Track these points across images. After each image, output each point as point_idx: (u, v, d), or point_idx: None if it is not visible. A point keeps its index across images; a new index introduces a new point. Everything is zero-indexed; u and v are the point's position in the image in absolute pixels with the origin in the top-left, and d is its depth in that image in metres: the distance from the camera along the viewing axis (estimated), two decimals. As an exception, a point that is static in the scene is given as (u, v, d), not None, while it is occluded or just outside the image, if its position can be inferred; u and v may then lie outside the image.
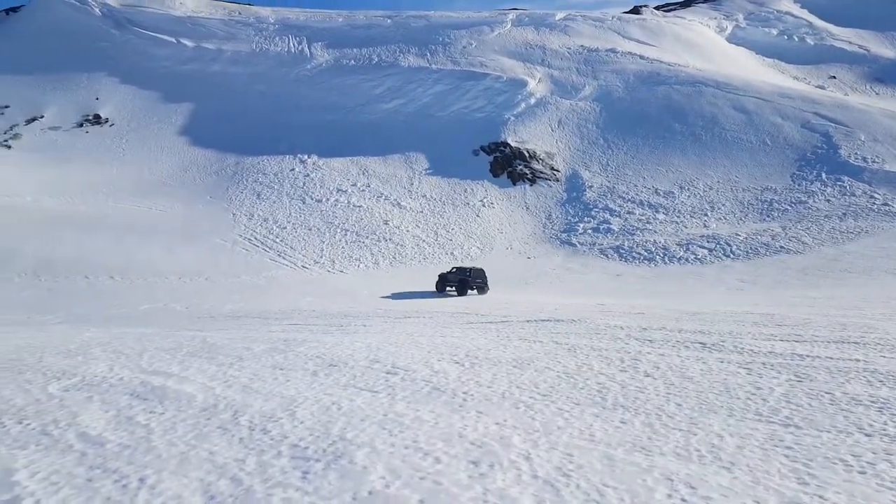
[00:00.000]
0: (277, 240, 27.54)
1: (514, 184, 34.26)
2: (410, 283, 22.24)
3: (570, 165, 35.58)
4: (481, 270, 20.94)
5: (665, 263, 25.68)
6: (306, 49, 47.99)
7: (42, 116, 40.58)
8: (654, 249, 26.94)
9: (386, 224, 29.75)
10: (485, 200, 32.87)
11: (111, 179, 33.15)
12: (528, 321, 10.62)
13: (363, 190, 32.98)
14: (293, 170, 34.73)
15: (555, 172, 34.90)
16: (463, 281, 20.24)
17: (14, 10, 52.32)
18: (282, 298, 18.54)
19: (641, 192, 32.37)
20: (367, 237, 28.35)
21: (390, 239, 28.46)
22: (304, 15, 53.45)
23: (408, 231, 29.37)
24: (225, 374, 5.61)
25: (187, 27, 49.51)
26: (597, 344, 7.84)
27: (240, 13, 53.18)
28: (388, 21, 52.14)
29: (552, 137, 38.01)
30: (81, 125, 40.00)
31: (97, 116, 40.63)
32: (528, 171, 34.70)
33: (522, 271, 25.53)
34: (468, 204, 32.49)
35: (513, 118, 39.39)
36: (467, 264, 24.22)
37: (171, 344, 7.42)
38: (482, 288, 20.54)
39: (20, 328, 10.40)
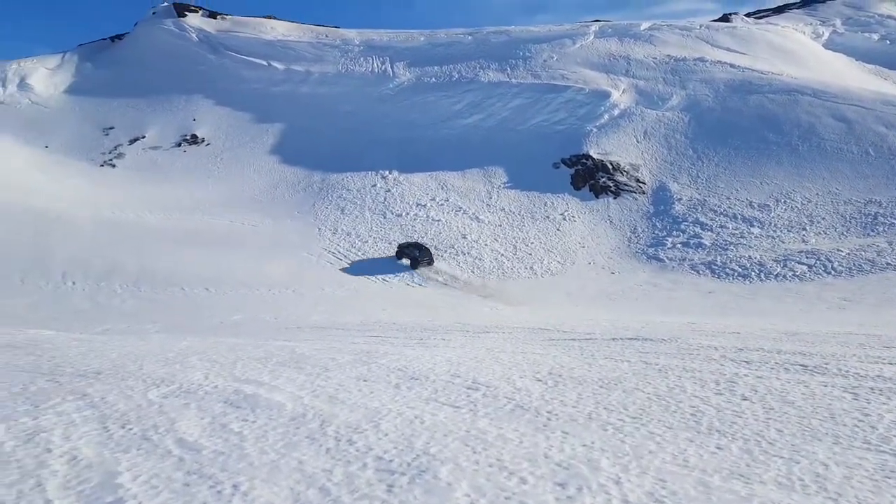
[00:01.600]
0: (360, 253, 28.23)
1: (597, 196, 33.59)
2: (490, 296, 22.17)
3: (656, 177, 34.54)
4: (427, 250, 27.56)
5: (761, 280, 24.35)
6: (389, 68, 49.26)
7: (144, 136, 43.61)
8: (748, 265, 25.62)
9: (464, 238, 29.88)
10: (566, 214, 32.40)
11: (207, 196, 35.14)
12: (613, 339, 10.32)
13: (442, 204, 33.33)
14: (375, 185, 35.59)
15: (640, 185, 33.97)
16: (414, 258, 26.75)
17: (119, 37, 56.58)
18: (363, 310, 18.93)
19: (734, 204, 30.93)
20: (446, 251, 28.55)
21: (468, 252, 28.54)
22: (387, 36, 54.91)
23: (486, 245, 29.35)
24: (312, 384, 5.76)
25: (278, 50, 51.98)
26: (689, 365, 7.49)
27: (327, 35, 55.28)
28: (469, 38, 52.71)
29: (637, 149, 37.07)
30: (180, 145, 42.68)
31: (194, 136, 43.25)
32: (611, 184, 33.96)
33: (606, 287, 24.92)
34: (548, 217, 32.13)
35: (595, 130, 38.74)
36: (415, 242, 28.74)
37: (262, 353, 7.70)
38: (430, 262, 26.90)
39: (122, 337, 11.11)
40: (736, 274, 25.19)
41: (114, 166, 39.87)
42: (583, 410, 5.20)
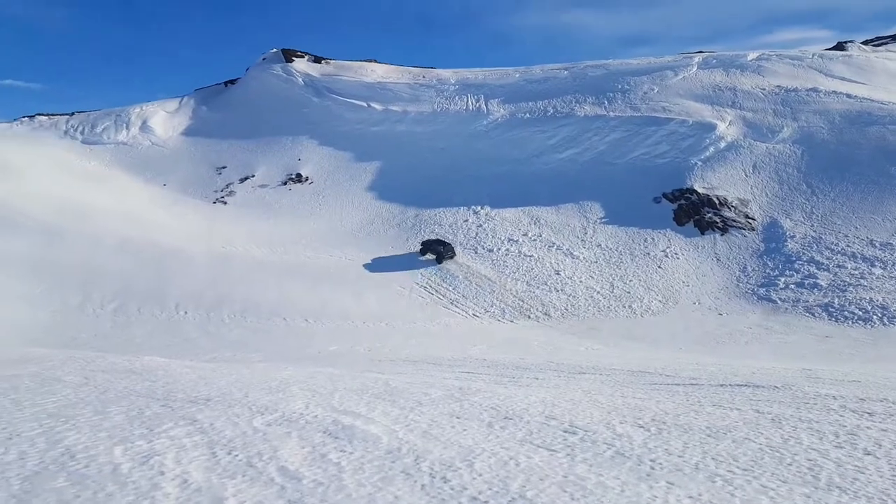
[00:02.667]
0: (451, 288, 28.42)
1: (703, 233, 32.21)
2: (585, 335, 21.64)
3: (767, 213, 32.73)
4: (450, 245, 32.11)
5: (884, 325, 22.31)
6: (483, 106, 50.09)
7: (253, 175, 46.46)
8: (870, 308, 23.56)
9: (557, 274, 29.43)
10: (668, 251, 31.26)
11: (309, 231, 36.79)
12: (721, 385, 9.75)
13: (534, 240, 33.08)
14: (467, 221, 35.91)
15: (750, 221, 32.29)
16: (439, 253, 31.07)
17: (232, 81, 61.01)
18: (454, 346, 19.00)
19: (853, 242, 28.70)
20: (538, 287, 28.21)
21: (562, 290, 28.06)
22: (482, 74, 56.01)
23: (581, 282, 28.76)
24: (406, 418, 5.82)
25: (377, 92, 54.23)
26: (805, 415, 6.95)
27: (424, 76, 57.12)
28: (565, 73, 52.77)
29: (746, 183, 35.38)
30: (285, 183, 45.13)
31: (299, 175, 45.65)
32: (718, 220, 32.49)
33: (712, 329, 23.67)
34: (648, 254, 31.11)
35: (700, 163, 37.41)
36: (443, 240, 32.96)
37: (358, 385, 7.89)
38: (452, 255, 31.31)
39: (229, 365, 11.72)
40: (856, 317, 23.23)
41: (225, 203, 42.67)
42: (689, 460, 4.94)
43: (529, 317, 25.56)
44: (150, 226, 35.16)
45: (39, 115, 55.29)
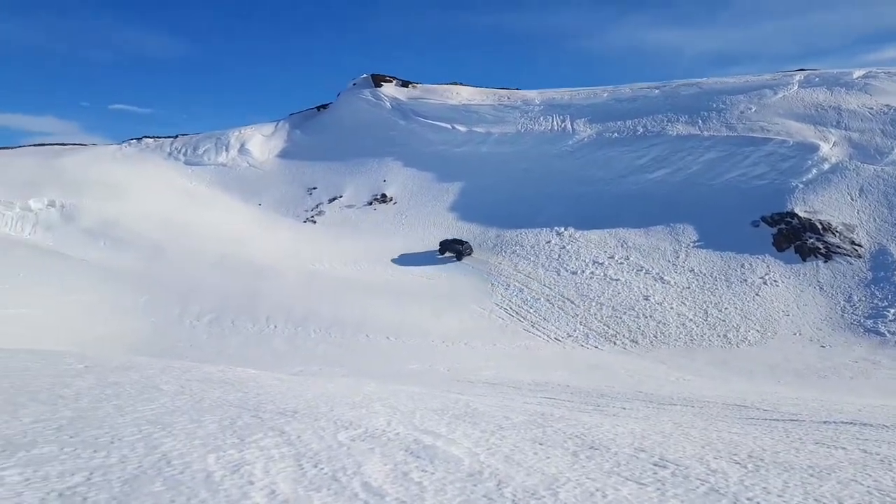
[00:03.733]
0: (531, 310, 28.08)
1: (804, 259, 30.36)
2: (676, 364, 20.75)
3: (875, 240, 30.45)
4: (468, 243, 35.92)
5: None
6: (569, 125, 49.66)
7: (341, 196, 48.04)
8: None
9: (646, 300, 28.47)
10: (766, 277, 29.64)
11: (391, 250, 37.53)
12: (824, 422, 9.07)
13: (621, 263, 32.22)
14: (549, 242, 35.50)
15: (856, 248, 30.14)
16: (459, 252, 34.80)
17: (324, 106, 63.54)
18: (535, 369, 18.71)
19: (980, 272, 26.14)
20: (625, 312, 27.38)
21: (651, 316, 27.10)
22: (568, 94, 55.62)
23: (671, 308, 27.69)
24: (487, 442, 5.75)
25: (461, 114, 54.94)
26: (925, 461, 6.33)
27: (508, 98, 57.39)
28: (656, 91, 51.56)
29: (852, 207, 33.13)
30: (371, 203, 46.38)
31: (383, 196, 46.81)
32: (821, 246, 30.53)
33: (814, 361, 22.14)
34: (745, 281, 29.60)
35: (801, 186, 35.41)
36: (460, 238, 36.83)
37: (439, 405, 7.88)
38: (470, 252, 35.22)
39: (315, 378, 12.03)
40: None
41: (314, 222, 44.31)
42: (790, 501, 4.59)
43: (615, 343, 24.83)
44: (245, 243, 36.98)
45: (146, 137, 59.57)
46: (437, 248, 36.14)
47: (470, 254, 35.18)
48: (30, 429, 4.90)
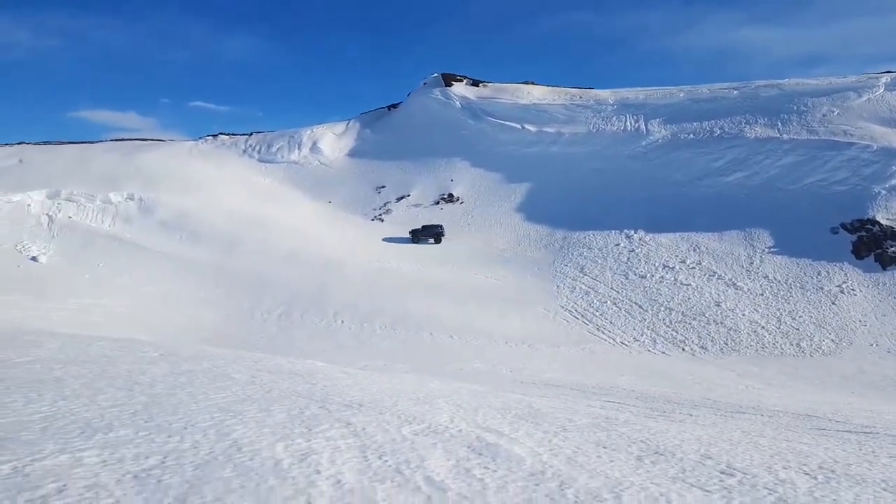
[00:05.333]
0: (597, 313, 27.64)
1: (884, 268, 28.62)
2: (746, 372, 19.97)
3: (973, 249, 28.27)
4: (440, 225, 38.92)
5: None
6: (643, 126, 48.51)
7: (409, 195, 48.59)
8: None
9: (717, 306, 27.51)
10: (844, 286, 28.09)
11: (456, 250, 37.69)
12: (909, 440, 8.53)
13: (693, 267, 31.24)
14: (618, 245, 34.81)
15: (947, 257, 28.11)
16: (437, 234, 38.00)
17: (394, 106, 64.41)
18: (599, 373, 18.43)
19: None
20: (695, 318, 26.54)
21: (722, 322, 26.16)
22: (643, 94, 54.29)
23: (743, 315, 26.64)
24: (550, 442, 5.73)
25: (532, 114, 54.53)
26: None
27: (581, 97, 56.53)
28: (735, 92, 49.66)
29: (943, 214, 30.90)
30: (438, 203, 46.70)
31: (451, 195, 47.04)
32: (904, 255, 28.65)
33: (892, 374, 20.84)
34: (822, 288, 28.15)
35: (884, 192, 33.37)
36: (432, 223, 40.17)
37: (501, 404, 7.90)
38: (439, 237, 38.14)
39: (379, 373, 12.26)
40: None
41: (382, 220, 45.02)
42: (867, 519, 4.37)
43: (684, 349, 24.11)
44: (314, 239, 38.00)
45: (222, 133, 62.09)
46: (409, 236, 38.93)
47: (444, 235, 38.71)
48: (107, 412, 5.21)
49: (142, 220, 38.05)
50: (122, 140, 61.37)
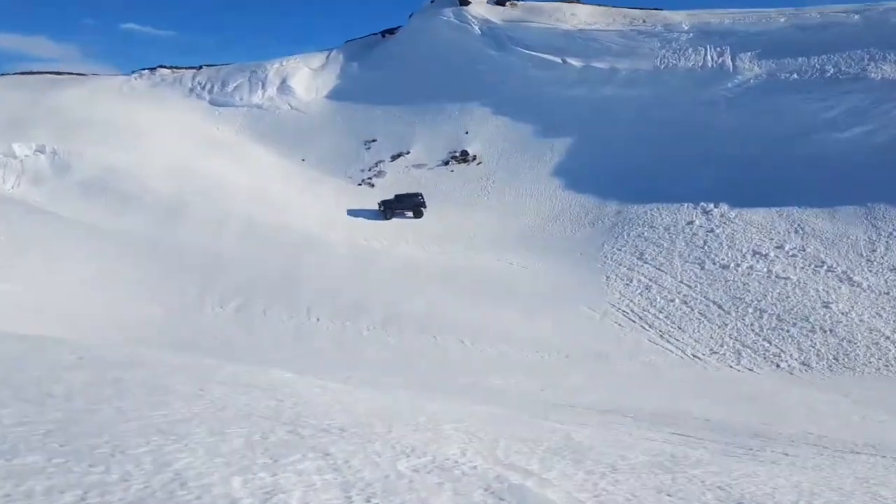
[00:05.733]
0: (661, 315, 27.63)
1: None
2: (864, 398, 19.91)
3: None
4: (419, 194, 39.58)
5: None
6: (728, 61, 48.07)
7: (408, 152, 48.57)
8: None
9: (827, 307, 27.43)
10: None
11: (471, 226, 37.69)
12: None
13: (793, 255, 31.11)
14: (692, 223, 34.67)
15: None
16: (417, 205, 39.42)
17: (391, 31, 64.07)
18: (663, 395, 18.45)
19: None
20: (795, 324, 26.48)
21: (832, 330, 26.07)
22: (729, 17, 53.70)
23: (861, 321, 26.54)
24: (595, 487, 5.74)
25: (577, 43, 54.16)
26: None
27: (644, 21, 56.01)
28: (856, 17, 49.08)
29: None
30: (447, 163, 46.65)
31: (464, 153, 46.93)
32: None
33: None
34: (970, 288, 27.99)
35: None
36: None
37: (529, 434, 7.93)
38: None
39: (368, 388, 12.34)
40: None
41: (372, 186, 45.03)
42: None
43: (778, 365, 24.09)
44: (282, 208, 38.11)
45: (162, 67, 62.13)
46: (379, 208, 39.85)
47: (424, 206, 39.65)
48: (11, 433, 5.22)
49: (56, 179, 38.28)
50: (30, 73, 61.71)
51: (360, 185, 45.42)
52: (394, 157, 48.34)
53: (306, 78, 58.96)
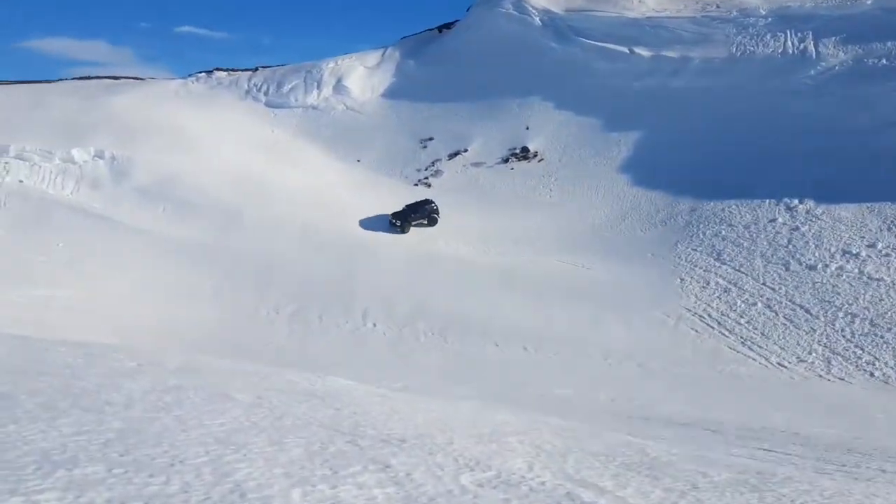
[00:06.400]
0: (742, 320, 27.18)
1: None
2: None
3: None
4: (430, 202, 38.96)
5: None
6: (810, 47, 46.94)
7: (466, 150, 48.59)
8: None
9: (926, 312, 26.67)
10: None
11: (534, 226, 37.53)
12: None
13: (886, 254, 30.22)
14: (774, 220, 33.99)
15: None
16: (431, 213, 38.13)
17: (448, 26, 64.14)
18: (746, 406, 18.18)
19: None
20: (890, 329, 25.74)
21: (937, 345, 25.32)
22: (811, 0, 52.45)
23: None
24: (675, 506, 5.63)
25: (645, 31, 53.47)
26: None
27: (718, 6, 55.05)
28: (951, -3, 47.51)
29: None
30: (507, 160, 46.54)
31: (524, 150, 46.77)
32: None
33: None
34: None
35: None
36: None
37: (601, 448, 7.83)
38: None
39: (426, 397, 12.34)
40: None
41: (429, 186, 45.20)
42: None
43: (872, 374, 23.45)
44: (338, 211, 38.55)
45: (218, 70, 63.39)
46: (394, 223, 37.94)
47: (438, 214, 38.66)
48: (71, 442, 5.35)
49: (114, 185, 39.38)
50: (88, 78, 63.32)
51: (416, 185, 45.66)
52: (451, 156, 48.43)
53: (361, 77, 59.49)
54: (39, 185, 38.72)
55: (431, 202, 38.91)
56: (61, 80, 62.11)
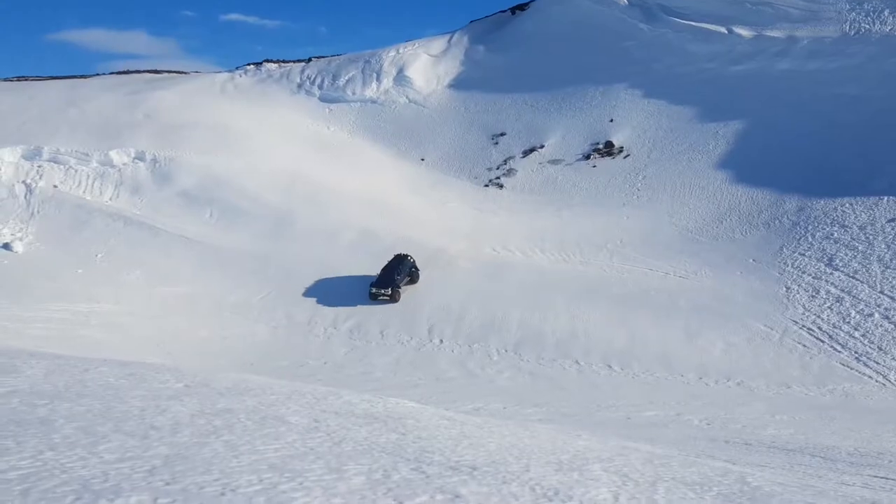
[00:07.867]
0: (857, 333, 26.61)
1: None
2: None
3: None
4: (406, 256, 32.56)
5: None
6: (933, 23, 45.75)
7: (542, 146, 48.39)
8: None
9: None
10: None
11: (619, 231, 37.21)
12: None
13: None
14: (893, 220, 33.15)
15: None
16: (412, 270, 32.06)
17: (522, 7, 63.80)
18: (860, 430, 17.76)
19: None
20: None
21: None
22: (938, -31, 51.07)
23: None
24: (779, 541, 5.57)
25: (746, 9, 52.61)
26: None
27: (828, -21, 53.97)
28: None
29: None
30: (588, 157, 46.22)
31: (608, 145, 46.40)
32: None
33: None
34: None
35: None
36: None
37: (695, 477, 7.77)
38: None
39: (500, 421, 12.37)
40: None
41: (501, 186, 45.18)
42: None
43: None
44: (399, 216, 38.76)
45: (268, 61, 64.41)
46: (374, 296, 30.81)
47: (417, 270, 32.25)
48: (113, 469, 5.51)
49: (156, 190, 40.20)
50: (128, 73, 65.05)
51: (486, 186, 45.62)
52: (526, 153, 48.27)
53: (425, 66, 59.63)
54: (75, 190, 39.48)
55: (408, 256, 32.57)
56: (98, 75, 63.93)
